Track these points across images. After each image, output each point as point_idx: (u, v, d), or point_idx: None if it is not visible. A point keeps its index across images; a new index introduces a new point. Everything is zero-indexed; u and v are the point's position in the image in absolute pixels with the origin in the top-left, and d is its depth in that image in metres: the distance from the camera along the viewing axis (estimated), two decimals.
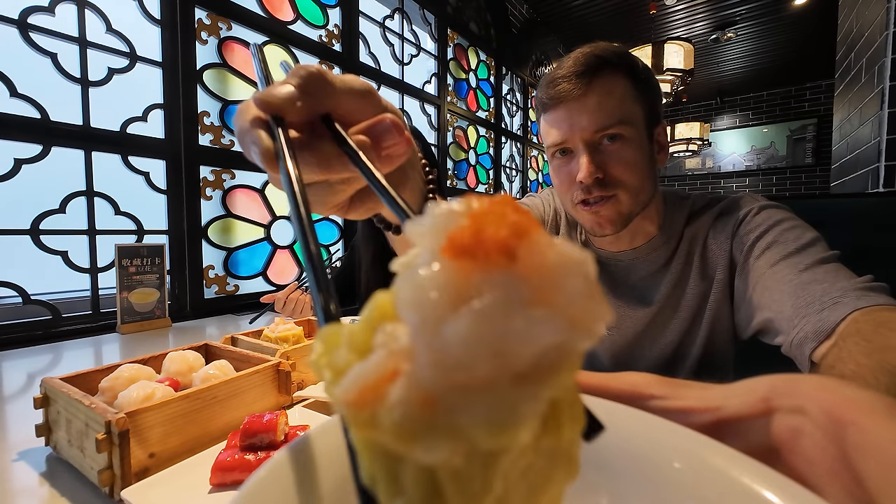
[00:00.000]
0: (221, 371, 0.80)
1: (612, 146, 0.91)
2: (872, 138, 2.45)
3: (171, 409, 0.65)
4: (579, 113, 0.90)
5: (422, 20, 3.45)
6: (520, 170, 5.08)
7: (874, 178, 2.40)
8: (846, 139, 3.03)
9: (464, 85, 3.96)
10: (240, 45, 2.11)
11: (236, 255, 2.11)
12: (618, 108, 0.90)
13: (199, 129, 1.93)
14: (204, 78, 1.95)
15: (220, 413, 0.72)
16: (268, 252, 2.26)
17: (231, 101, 2.06)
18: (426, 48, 3.49)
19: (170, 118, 1.84)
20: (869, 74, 2.57)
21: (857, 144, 2.73)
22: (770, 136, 8.04)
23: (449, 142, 3.69)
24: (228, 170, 2.04)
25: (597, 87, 0.90)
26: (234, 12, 2.06)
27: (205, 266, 1.96)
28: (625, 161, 0.91)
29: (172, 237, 1.85)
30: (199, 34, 1.93)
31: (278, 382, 0.83)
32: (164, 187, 1.83)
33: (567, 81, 0.91)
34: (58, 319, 1.55)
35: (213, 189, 1.99)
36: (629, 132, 0.91)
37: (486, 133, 4.31)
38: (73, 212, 1.61)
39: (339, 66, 2.61)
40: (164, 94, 1.83)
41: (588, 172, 0.90)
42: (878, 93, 2.38)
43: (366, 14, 2.86)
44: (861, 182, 2.62)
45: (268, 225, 2.25)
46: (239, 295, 2.09)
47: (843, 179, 3.04)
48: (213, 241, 2.00)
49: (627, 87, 0.91)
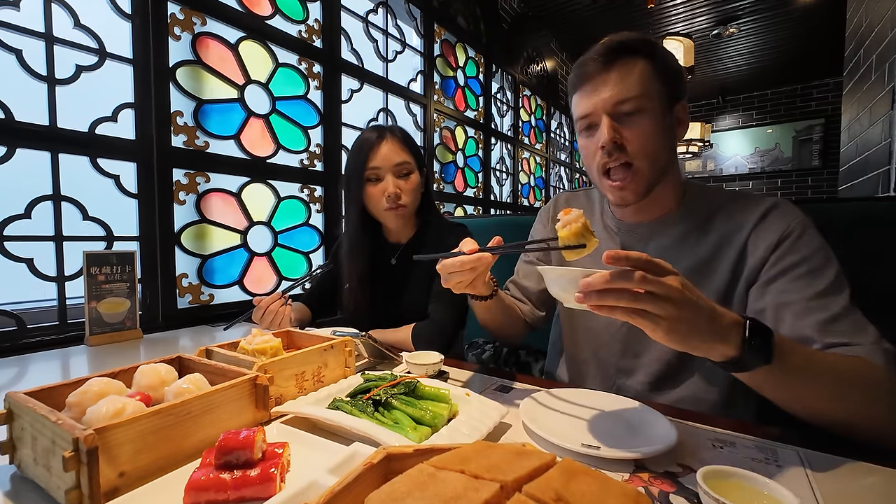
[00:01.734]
0: (195, 385, 0.80)
1: (630, 117, 1.06)
2: (883, 139, 2.47)
3: (142, 426, 0.65)
4: (602, 87, 1.07)
5: (407, 14, 3.48)
6: (510, 172, 5.12)
7: (885, 181, 2.43)
8: (855, 140, 3.06)
9: (451, 83, 3.99)
10: (215, 42, 2.12)
11: (211, 262, 2.12)
12: (636, 84, 1.05)
13: (172, 129, 1.94)
14: (177, 76, 1.96)
15: (193, 430, 0.72)
16: (244, 259, 2.27)
17: (205, 99, 2.07)
18: (411, 44, 3.53)
19: (141, 118, 1.85)
20: (879, 72, 2.59)
21: (867, 146, 2.75)
22: (775, 136, 8.15)
23: (436, 143, 3.73)
24: (203, 173, 2.05)
25: (618, 66, 1.07)
26: (208, 6, 2.07)
27: (178, 274, 1.97)
28: (642, 129, 1.06)
29: (144, 244, 1.86)
30: (171, 29, 1.94)
31: (255, 397, 0.83)
32: (135, 191, 1.84)
33: (593, 62, 1.09)
34: (23, 330, 1.55)
35: (186, 193, 2.00)
36: (647, 104, 1.06)
37: (474, 134, 4.34)
38: (39, 217, 1.61)
39: (319, 63, 2.63)
40: (134, 92, 1.84)
41: (609, 137, 1.06)
42: (889, 91, 2.40)
43: (348, 8, 2.88)
44: (871, 185, 2.65)
45: (244, 231, 2.26)
46: (214, 305, 2.10)
47: (852, 183, 3.07)
48: (186, 248, 2.01)
49: (646, 67, 1.07)
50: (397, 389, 0.91)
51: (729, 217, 1.12)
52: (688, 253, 1.14)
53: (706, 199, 1.17)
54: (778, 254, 1.02)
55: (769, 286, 1.02)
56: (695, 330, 0.72)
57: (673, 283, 0.70)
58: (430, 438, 0.78)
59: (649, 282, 0.69)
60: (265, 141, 2.35)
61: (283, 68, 2.44)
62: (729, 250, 1.10)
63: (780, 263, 1.01)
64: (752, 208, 1.10)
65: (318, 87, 2.64)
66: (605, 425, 0.89)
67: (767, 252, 1.03)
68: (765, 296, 1.02)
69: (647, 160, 1.08)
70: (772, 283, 1.01)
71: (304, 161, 2.55)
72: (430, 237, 1.74)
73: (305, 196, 2.56)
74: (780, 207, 1.08)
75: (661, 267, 0.72)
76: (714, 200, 1.17)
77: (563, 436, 0.80)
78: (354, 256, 1.71)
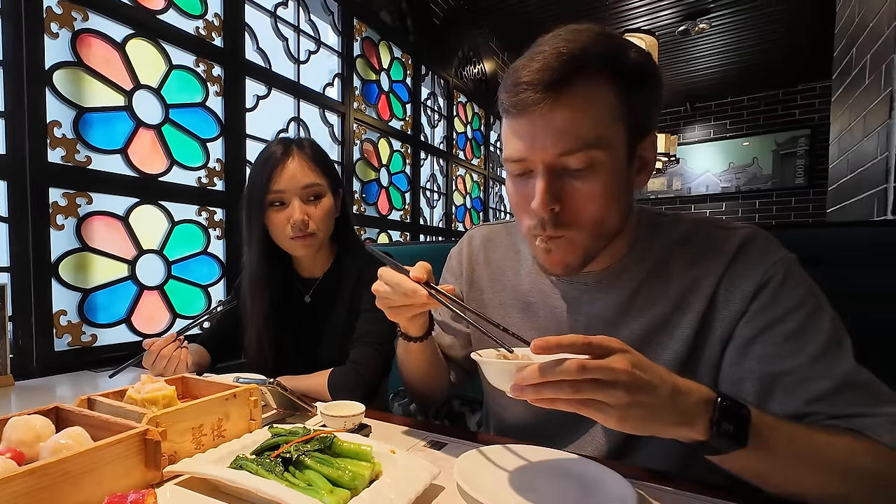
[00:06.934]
0: (76, 440, 0.81)
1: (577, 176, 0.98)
2: (879, 153, 2.51)
3: (13, 488, 0.67)
4: (543, 130, 0.95)
5: (322, 8, 3.72)
6: (443, 192, 5.37)
7: (881, 202, 2.46)
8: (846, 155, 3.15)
9: (374, 88, 4.24)
10: (98, 40, 2.28)
11: (94, 297, 2.24)
12: (592, 128, 0.94)
13: (49, 142, 2.06)
14: (54, 80, 2.09)
15: (73, 492, 0.75)
16: (132, 294, 2.41)
17: (87, 108, 2.22)
18: (327, 43, 3.77)
19: (12, 129, 1.95)
20: (874, 74, 2.64)
21: (860, 161, 2.82)
22: (752, 150, 8.49)
23: (356, 158, 3.96)
24: (84, 193, 2.19)
25: (567, 100, 0.93)
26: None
27: (55, 311, 2.08)
28: (590, 197, 0.99)
29: (15, 275, 1.95)
30: (48, 26, 2.07)
31: (145, 454, 0.86)
32: (5, 214, 1.94)
33: (532, 90, 0.94)
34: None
35: (65, 216, 2.12)
36: (601, 157, 0.96)
37: (401, 147, 4.60)
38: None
39: (219, 65, 2.81)
40: (4, 99, 1.94)
41: (542, 203, 0.98)
42: (886, 97, 2.44)
43: (253, 1, 3.07)
44: (865, 207, 2.70)
45: (132, 261, 2.40)
46: (97, 347, 2.22)
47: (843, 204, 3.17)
48: (65, 281, 2.12)
49: (609, 97, 0.96)
50: (311, 446, 0.92)
51: (692, 258, 1.10)
52: (645, 307, 1.13)
53: (663, 236, 1.15)
54: (757, 306, 1.01)
55: (749, 348, 1.01)
56: (652, 416, 0.76)
57: (619, 366, 0.73)
58: (350, 503, 0.81)
59: (590, 370, 0.72)
60: (157, 156, 2.51)
61: (178, 71, 2.61)
62: (694, 301, 1.08)
63: (759, 318, 1.00)
64: (721, 245, 1.08)
65: (219, 93, 2.81)
66: (553, 487, 0.91)
67: (744, 304, 1.02)
68: (745, 361, 1.01)
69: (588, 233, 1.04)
70: (753, 345, 1.01)
71: (203, 179, 2.71)
72: (349, 270, 1.82)
73: (204, 220, 2.72)
74: (756, 242, 1.06)
75: (604, 347, 0.76)
76: (672, 235, 1.14)
77: (504, 500, 0.84)
78: (258, 293, 1.77)
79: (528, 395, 0.77)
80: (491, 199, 6.51)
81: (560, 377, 0.73)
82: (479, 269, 1.41)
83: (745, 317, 1.02)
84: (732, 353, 1.04)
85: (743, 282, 1.03)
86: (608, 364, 0.73)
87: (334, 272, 1.85)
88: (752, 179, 8.48)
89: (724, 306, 1.05)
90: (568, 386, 0.73)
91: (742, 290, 1.02)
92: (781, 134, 8.23)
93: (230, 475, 0.84)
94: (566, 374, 0.73)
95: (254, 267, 1.77)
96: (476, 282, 1.41)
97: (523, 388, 0.77)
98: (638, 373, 0.73)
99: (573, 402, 0.75)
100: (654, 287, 1.12)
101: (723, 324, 1.05)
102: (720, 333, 1.06)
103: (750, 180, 8.49)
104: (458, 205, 5.65)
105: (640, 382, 0.73)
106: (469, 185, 5.90)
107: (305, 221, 1.66)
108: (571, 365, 0.72)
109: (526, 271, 1.31)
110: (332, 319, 1.80)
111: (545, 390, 0.75)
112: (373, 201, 4.15)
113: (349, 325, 1.74)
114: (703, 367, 1.09)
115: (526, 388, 0.76)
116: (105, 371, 1.92)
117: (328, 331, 1.81)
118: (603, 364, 0.73)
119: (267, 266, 1.77)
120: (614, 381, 0.72)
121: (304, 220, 1.66)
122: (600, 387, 0.73)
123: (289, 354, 1.82)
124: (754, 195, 8.49)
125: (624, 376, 0.72)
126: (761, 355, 0.99)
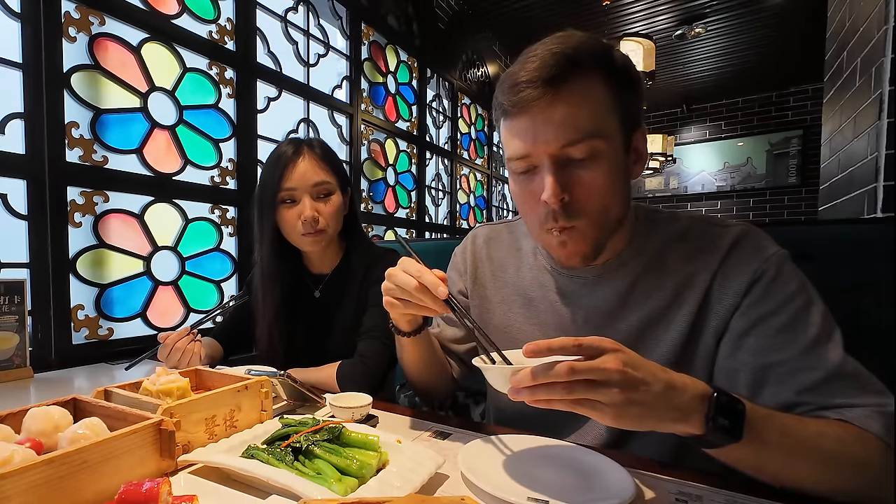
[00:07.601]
0: (93, 431, 0.82)
1: (581, 165, 1.01)
2: (869, 153, 2.53)
3: (32, 476, 0.68)
4: (545, 125, 0.99)
5: (331, 13, 3.74)
6: (447, 191, 5.40)
7: (871, 200, 2.49)
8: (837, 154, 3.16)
9: (381, 90, 4.26)
10: (114, 44, 2.30)
11: (110, 292, 2.27)
12: (590, 120, 0.99)
13: (67, 142, 2.08)
14: (72, 82, 2.11)
15: (90, 481, 0.75)
16: (148, 289, 2.43)
17: (104, 109, 2.24)
18: (336, 46, 3.79)
19: (32, 130, 1.97)
20: (865, 77, 2.66)
21: (851, 161, 2.84)
22: (746, 150, 8.60)
23: (363, 158, 3.98)
24: (101, 191, 2.21)
25: (566, 95, 0.98)
26: (107, 4, 2.24)
27: (73, 306, 2.10)
28: (595, 184, 1.02)
29: (35, 271, 1.97)
30: (66, 30, 2.09)
31: (160, 444, 0.86)
32: (25, 212, 1.96)
33: (532, 87, 0.98)
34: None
35: (82, 214, 2.14)
36: (602, 146, 1.00)
37: (407, 147, 4.62)
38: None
39: (231, 68, 2.84)
40: (24, 101, 1.96)
41: (554, 193, 1.00)
42: (876, 99, 2.46)
43: (264, 6, 3.10)
44: (855, 205, 2.73)
45: (148, 257, 2.42)
46: (114, 340, 2.25)
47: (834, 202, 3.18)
48: (82, 277, 2.15)
49: (603, 92, 1.01)
50: (320, 436, 0.94)
51: (688, 253, 1.13)
52: (642, 300, 1.15)
53: (660, 232, 1.18)
54: (750, 300, 1.04)
55: (743, 340, 1.03)
56: (647, 412, 0.76)
57: (611, 366, 0.74)
58: (357, 491, 0.82)
59: (579, 371, 0.74)
60: (171, 156, 2.53)
61: (192, 74, 2.63)
62: (690, 295, 1.11)
63: (753, 312, 1.03)
64: (716, 241, 1.11)
65: (231, 95, 2.84)
66: (554, 477, 0.93)
67: (737, 297, 1.05)
68: (739, 353, 1.04)
69: (597, 222, 1.06)
70: (746, 338, 1.03)
71: (216, 178, 2.73)
72: (358, 266, 1.84)
73: (216, 218, 2.74)
74: (749, 239, 1.09)
75: (594, 347, 0.77)
76: (669, 232, 1.17)
77: (506, 489, 0.84)
78: (269, 288, 1.79)
79: (524, 396, 0.79)
80: (494, 198, 6.56)
81: (551, 380, 0.75)
82: (483, 266, 1.45)
83: (739, 310, 1.04)
84: (726, 346, 1.06)
85: (737, 277, 1.05)
86: (599, 365, 0.74)
87: (343, 268, 1.87)
88: (746, 178, 8.61)
89: (718, 300, 1.07)
90: (560, 387, 0.75)
91: (736, 285, 1.05)
92: (775, 134, 8.40)
93: (242, 464, 0.86)
94: (557, 377, 0.75)
95: (265, 263, 1.79)
96: (479, 278, 1.44)
97: (519, 391, 0.79)
98: (630, 371, 0.75)
99: (568, 402, 0.77)
100: (651, 281, 1.15)
101: (717, 317, 1.07)
102: (715, 326, 1.08)
103: (744, 179, 8.62)
104: (462, 203, 5.69)
105: (633, 380, 0.75)
106: (473, 184, 5.95)
107: (316, 218, 1.68)
108: (561, 368, 0.74)
109: (527, 267, 1.34)
110: (341, 314, 1.82)
111: (540, 392, 0.77)
112: (380, 199, 4.18)
113: (357, 319, 1.76)
114: (699, 359, 1.11)
115: (522, 391, 0.79)
116: (121, 363, 1.95)
117: (337, 325, 1.83)
118: (593, 365, 0.74)
119: (278, 262, 1.79)
120: (607, 381, 0.74)
121: (315, 216, 1.68)
122: (593, 387, 0.74)
123: (299, 348, 1.83)
124: (748, 194, 8.62)
125: (616, 375, 0.73)
126: (754, 347, 1.01)
